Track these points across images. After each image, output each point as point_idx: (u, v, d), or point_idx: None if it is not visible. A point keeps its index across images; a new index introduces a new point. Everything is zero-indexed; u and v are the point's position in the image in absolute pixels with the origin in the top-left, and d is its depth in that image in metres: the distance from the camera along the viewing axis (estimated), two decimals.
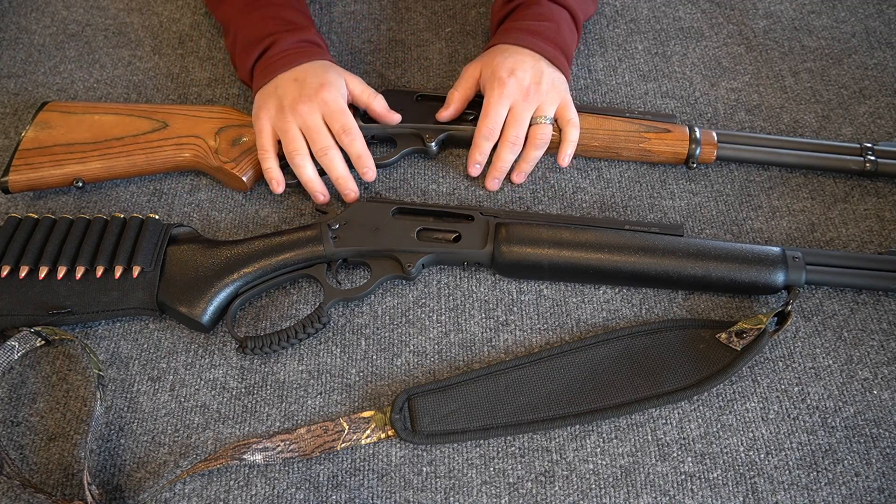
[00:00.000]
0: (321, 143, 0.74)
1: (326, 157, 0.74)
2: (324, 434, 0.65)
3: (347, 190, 0.75)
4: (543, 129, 0.77)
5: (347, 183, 0.75)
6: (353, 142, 0.75)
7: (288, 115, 0.74)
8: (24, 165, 0.76)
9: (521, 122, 0.76)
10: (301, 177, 0.75)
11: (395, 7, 0.97)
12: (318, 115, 0.74)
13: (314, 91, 0.74)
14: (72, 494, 0.63)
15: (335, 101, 0.74)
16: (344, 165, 0.75)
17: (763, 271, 0.70)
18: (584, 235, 0.72)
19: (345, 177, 0.75)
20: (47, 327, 0.69)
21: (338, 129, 0.74)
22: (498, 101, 0.76)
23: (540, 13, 0.81)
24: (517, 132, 0.76)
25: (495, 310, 0.73)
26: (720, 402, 0.68)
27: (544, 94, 0.77)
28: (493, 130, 0.76)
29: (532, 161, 0.79)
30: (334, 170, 0.75)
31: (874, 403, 0.68)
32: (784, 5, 0.99)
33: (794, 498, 0.63)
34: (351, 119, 0.75)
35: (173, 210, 0.80)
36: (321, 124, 0.74)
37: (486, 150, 0.78)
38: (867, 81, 0.91)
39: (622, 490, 0.63)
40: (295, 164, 0.75)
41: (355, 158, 0.75)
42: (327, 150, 0.74)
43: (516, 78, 0.76)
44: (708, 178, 0.83)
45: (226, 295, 0.70)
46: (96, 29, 0.95)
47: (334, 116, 0.74)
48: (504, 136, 0.77)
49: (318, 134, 0.74)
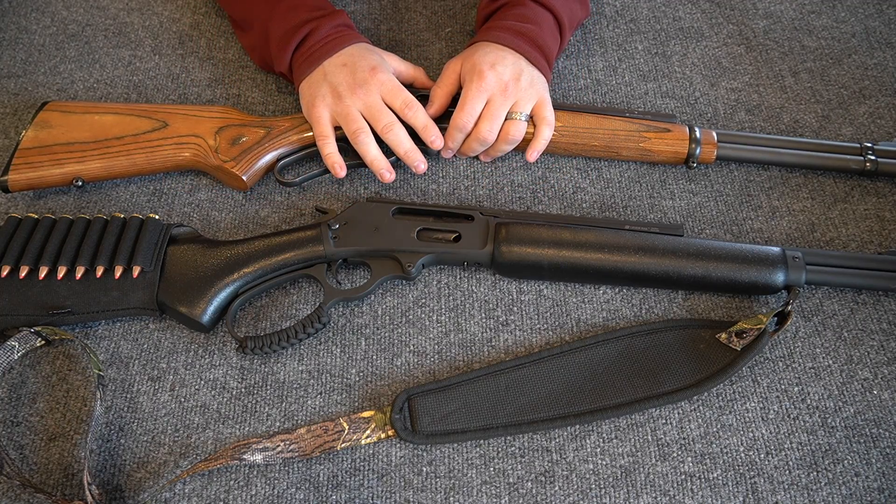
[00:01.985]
0: (385, 120, 0.75)
1: (391, 133, 0.75)
2: (324, 434, 0.65)
3: (417, 162, 0.77)
4: (517, 126, 0.77)
5: (416, 155, 0.77)
6: (416, 114, 0.76)
7: (346, 100, 0.75)
8: (23, 165, 0.76)
9: (497, 117, 0.76)
10: (366, 156, 0.76)
11: (395, 7, 0.97)
12: (377, 95, 0.76)
13: (369, 73, 0.75)
14: (72, 494, 0.63)
15: (390, 79, 0.76)
16: (409, 139, 0.76)
17: (763, 271, 0.70)
18: (584, 235, 0.72)
19: (412, 149, 0.76)
20: (47, 327, 0.69)
21: (399, 106, 0.76)
22: (476, 93, 0.76)
23: (523, 14, 0.81)
24: (490, 126, 0.76)
25: (495, 310, 0.73)
26: (720, 402, 0.68)
27: (522, 90, 0.77)
28: (468, 123, 0.77)
29: (500, 153, 0.81)
30: (401, 144, 0.76)
31: (874, 403, 0.68)
32: (784, 5, 0.99)
33: (794, 498, 0.63)
34: (409, 94, 0.76)
35: (173, 210, 0.80)
36: (381, 103, 0.76)
37: (458, 140, 0.78)
38: (867, 81, 0.91)
39: (622, 490, 0.63)
40: (359, 143, 0.75)
41: (421, 129, 0.76)
42: (392, 126, 0.75)
43: (496, 72, 0.76)
44: (708, 178, 0.83)
45: (226, 295, 0.70)
46: (96, 29, 0.95)
47: (394, 94, 0.76)
48: (476, 129, 0.77)
49: (381, 112, 0.75)
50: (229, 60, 0.92)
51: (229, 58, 0.92)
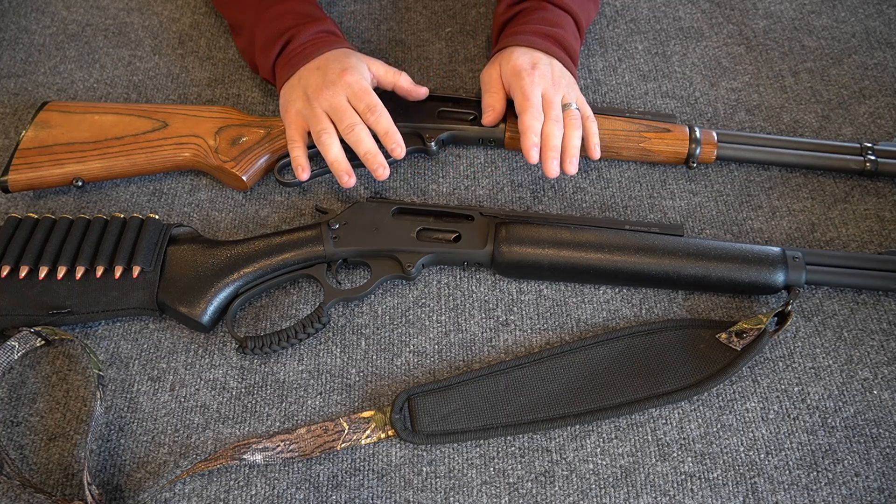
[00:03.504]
0: (347, 121, 0.73)
1: (353, 133, 0.74)
2: (324, 434, 0.65)
3: (377, 165, 0.74)
4: (574, 113, 0.76)
5: (376, 157, 0.74)
6: (378, 119, 0.74)
7: (313, 101, 0.74)
8: (23, 165, 0.76)
9: (556, 104, 0.75)
10: (328, 156, 0.74)
11: (395, 7, 0.97)
12: (343, 96, 0.74)
13: (337, 75, 0.74)
14: (72, 494, 0.63)
15: (358, 82, 0.75)
16: (372, 141, 0.74)
17: (763, 271, 0.70)
18: (584, 235, 0.72)
19: (373, 152, 0.74)
20: (47, 327, 0.69)
21: (363, 109, 0.74)
22: (531, 86, 0.75)
23: (546, 17, 0.81)
24: (556, 112, 0.75)
25: (495, 310, 0.73)
26: (720, 402, 0.68)
27: (566, 87, 0.77)
28: (538, 110, 0.74)
29: (576, 145, 0.75)
30: (362, 144, 0.74)
31: (874, 403, 0.68)
32: (784, 5, 0.99)
33: (794, 498, 0.63)
34: (376, 98, 0.75)
35: (173, 210, 0.80)
36: (346, 104, 0.74)
37: (538, 130, 0.74)
38: (867, 81, 0.91)
39: (622, 490, 0.63)
40: (321, 143, 0.74)
41: (383, 135, 0.74)
42: (353, 126, 0.73)
43: (540, 70, 0.76)
44: (708, 178, 0.83)
45: (226, 295, 0.70)
46: (96, 29, 0.95)
47: (359, 96, 0.74)
48: (546, 116, 0.75)
49: (344, 112, 0.74)
50: (229, 60, 0.92)
51: (229, 57, 0.92)
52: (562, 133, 0.75)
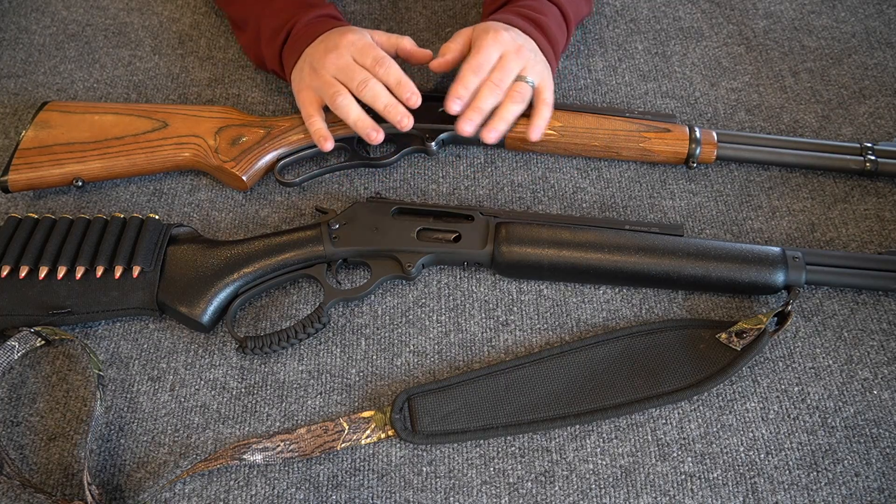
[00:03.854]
0: (358, 78, 0.72)
1: (367, 89, 0.72)
2: (324, 434, 0.65)
3: (399, 115, 0.72)
4: (524, 87, 0.74)
5: (397, 108, 0.72)
6: (388, 70, 0.73)
7: (320, 70, 0.74)
8: (23, 165, 0.76)
9: (509, 69, 0.73)
10: (349, 118, 0.73)
11: (395, 7, 0.97)
12: (349, 56, 0.73)
13: (338, 39, 0.74)
14: (72, 494, 0.63)
15: (360, 39, 0.74)
16: (387, 93, 0.73)
17: (763, 271, 0.70)
18: (584, 235, 0.72)
19: (392, 103, 0.72)
20: (47, 327, 0.69)
21: (370, 63, 0.73)
22: (492, 43, 0.73)
23: (531, 6, 0.81)
24: (502, 77, 0.73)
25: (495, 310, 0.73)
26: (720, 402, 0.68)
27: (532, 59, 0.75)
28: (483, 66, 0.73)
29: (508, 117, 0.74)
30: (379, 98, 0.72)
31: (874, 403, 0.68)
32: (784, 5, 0.99)
33: (794, 498, 0.63)
34: (381, 51, 0.73)
35: (173, 210, 0.80)
36: (353, 62, 0.73)
37: (471, 85, 0.73)
38: (867, 81, 0.91)
39: (622, 490, 0.63)
40: (338, 106, 0.73)
41: (395, 85, 0.73)
42: (366, 82, 0.72)
43: (510, 33, 0.75)
44: (708, 178, 0.83)
45: (226, 295, 0.70)
46: (96, 29, 0.95)
47: (364, 52, 0.73)
48: (489, 76, 0.73)
49: (352, 70, 0.72)
50: (229, 60, 0.92)
51: (229, 57, 0.92)
52: (496, 100, 0.73)
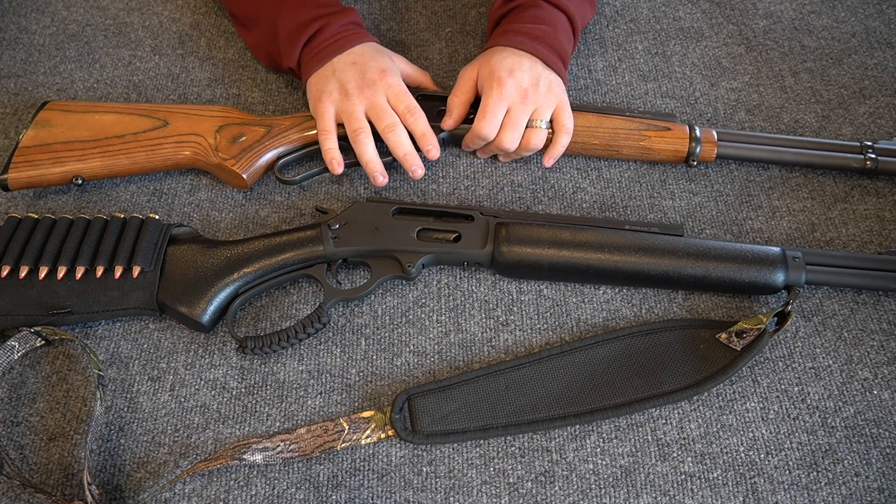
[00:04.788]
0: (388, 121, 0.76)
1: (393, 134, 0.76)
2: (324, 434, 0.65)
3: (415, 166, 0.77)
4: (538, 134, 0.77)
5: (414, 159, 0.77)
6: (417, 120, 0.76)
7: (353, 98, 0.76)
8: (23, 163, 0.76)
9: (518, 125, 0.76)
10: (363, 156, 0.76)
11: (394, 7, 0.97)
12: (384, 97, 0.76)
13: (378, 75, 0.76)
14: (72, 494, 0.63)
15: (398, 83, 0.77)
16: (410, 142, 0.77)
17: (763, 271, 0.70)
18: (584, 235, 0.72)
19: (412, 153, 0.77)
20: (47, 327, 0.68)
21: (403, 110, 0.76)
22: (496, 102, 0.76)
23: (537, 16, 0.81)
24: (512, 136, 0.76)
25: (495, 310, 0.73)
26: (720, 402, 0.68)
27: (542, 96, 0.77)
28: (490, 133, 0.76)
29: (522, 156, 0.81)
30: (401, 146, 0.76)
31: (874, 403, 0.68)
32: (784, 5, 0.99)
33: (794, 498, 0.63)
34: (414, 101, 0.77)
35: (173, 210, 0.80)
36: (387, 105, 0.76)
37: (478, 146, 0.80)
38: (867, 81, 0.91)
39: (622, 490, 0.63)
40: (358, 142, 0.76)
41: (420, 136, 0.77)
42: (394, 127, 0.76)
43: (515, 79, 0.76)
44: (708, 177, 0.83)
45: (226, 295, 0.70)
46: (96, 29, 0.95)
47: (399, 98, 0.77)
48: (499, 139, 0.77)
49: (385, 112, 0.76)
50: (229, 60, 0.92)
51: (229, 57, 0.92)
52: (516, 144, 0.78)
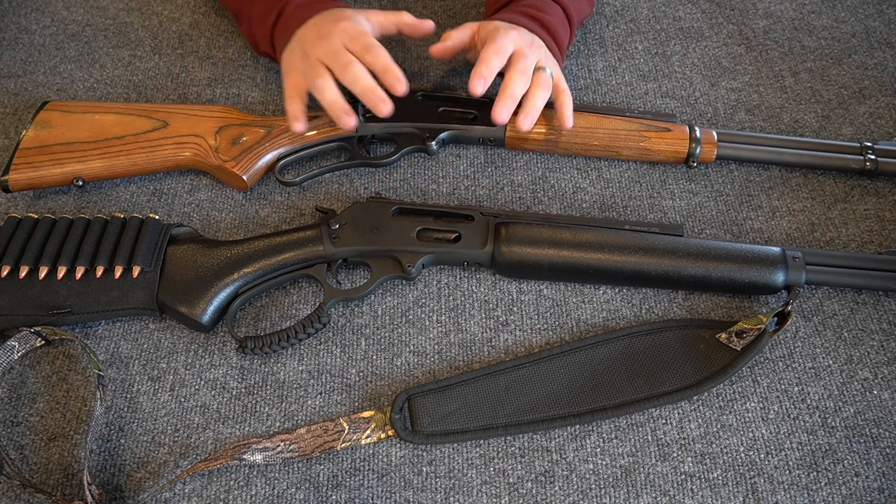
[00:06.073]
0: (343, 59, 0.70)
1: (348, 72, 0.70)
2: (324, 434, 0.65)
3: (377, 99, 0.71)
4: (546, 75, 0.74)
5: (375, 92, 0.71)
6: (376, 56, 0.71)
7: (310, 56, 0.72)
8: (24, 164, 0.76)
9: (528, 57, 0.72)
10: (324, 98, 0.72)
11: (395, 7, 0.97)
12: (339, 42, 0.72)
13: (332, 25, 0.73)
14: (72, 494, 0.63)
15: (353, 27, 0.72)
16: (369, 77, 0.71)
17: (763, 271, 0.70)
18: (584, 235, 0.72)
19: (371, 86, 0.71)
20: (47, 327, 0.69)
21: (359, 49, 0.71)
22: (504, 36, 0.72)
23: (535, 4, 0.81)
24: (526, 64, 0.72)
25: (495, 310, 0.73)
26: (720, 402, 0.68)
27: (544, 53, 0.76)
28: (503, 50, 0.72)
29: (539, 103, 0.74)
30: (359, 80, 0.70)
31: (874, 403, 0.68)
32: (784, 5, 0.99)
33: (794, 498, 0.63)
34: (372, 38, 0.72)
35: (173, 210, 0.80)
36: (341, 47, 0.71)
37: (494, 66, 0.72)
38: (867, 81, 0.91)
39: (622, 490, 0.63)
40: (317, 88, 0.72)
41: (382, 72, 0.71)
42: (348, 65, 0.70)
43: (518, 31, 0.75)
44: (708, 177, 0.83)
45: (226, 295, 0.70)
46: (96, 29, 0.95)
47: (355, 38, 0.72)
48: (512, 64, 0.72)
49: (339, 53, 0.71)
50: (229, 60, 0.92)
51: (229, 57, 0.92)
52: (525, 86, 0.72)
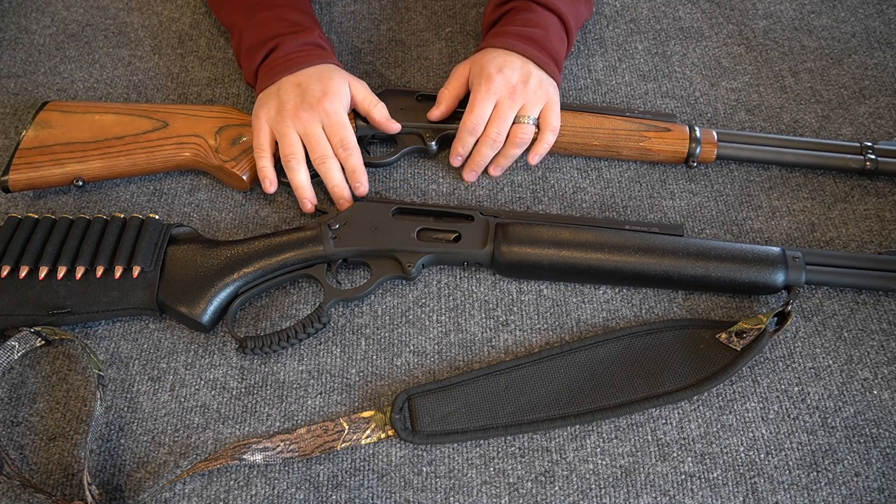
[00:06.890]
0: (320, 152, 0.75)
1: (324, 166, 0.75)
2: (324, 434, 0.65)
3: (342, 199, 0.76)
4: (525, 129, 0.77)
5: (343, 192, 0.76)
6: (349, 156, 0.75)
7: (287, 120, 0.74)
8: (24, 164, 0.76)
9: (505, 119, 0.77)
10: (293, 181, 0.76)
11: (395, 7, 0.97)
12: (319, 124, 0.75)
13: (317, 100, 0.74)
14: (72, 494, 0.63)
15: (336, 112, 0.75)
16: (341, 175, 0.76)
17: (763, 271, 0.70)
18: (584, 235, 0.72)
19: (341, 185, 0.76)
20: (47, 327, 0.68)
21: (336, 143, 0.75)
22: (484, 96, 0.76)
23: (529, 19, 0.81)
24: (499, 129, 0.77)
25: (495, 310, 0.73)
26: (720, 402, 0.68)
27: (531, 93, 0.77)
28: (477, 126, 0.77)
29: (510, 158, 0.80)
30: (331, 178, 0.75)
31: (874, 403, 0.68)
32: (784, 5, 0.99)
33: (794, 498, 0.63)
34: (350, 133, 0.76)
35: (173, 210, 0.80)
36: (321, 134, 0.75)
37: (468, 144, 0.79)
38: (867, 81, 0.91)
39: (622, 490, 0.63)
40: (290, 168, 0.75)
41: (350, 172, 0.76)
42: (325, 159, 0.75)
43: (504, 75, 0.76)
44: (708, 177, 0.83)
45: (226, 295, 0.70)
46: (96, 29, 0.95)
47: (334, 129, 0.75)
48: (486, 132, 0.77)
49: (318, 143, 0.75)
50: (229, 60, 0.92)
51: (229, 57, 0.92)
52: (493, 151, 0.79)
